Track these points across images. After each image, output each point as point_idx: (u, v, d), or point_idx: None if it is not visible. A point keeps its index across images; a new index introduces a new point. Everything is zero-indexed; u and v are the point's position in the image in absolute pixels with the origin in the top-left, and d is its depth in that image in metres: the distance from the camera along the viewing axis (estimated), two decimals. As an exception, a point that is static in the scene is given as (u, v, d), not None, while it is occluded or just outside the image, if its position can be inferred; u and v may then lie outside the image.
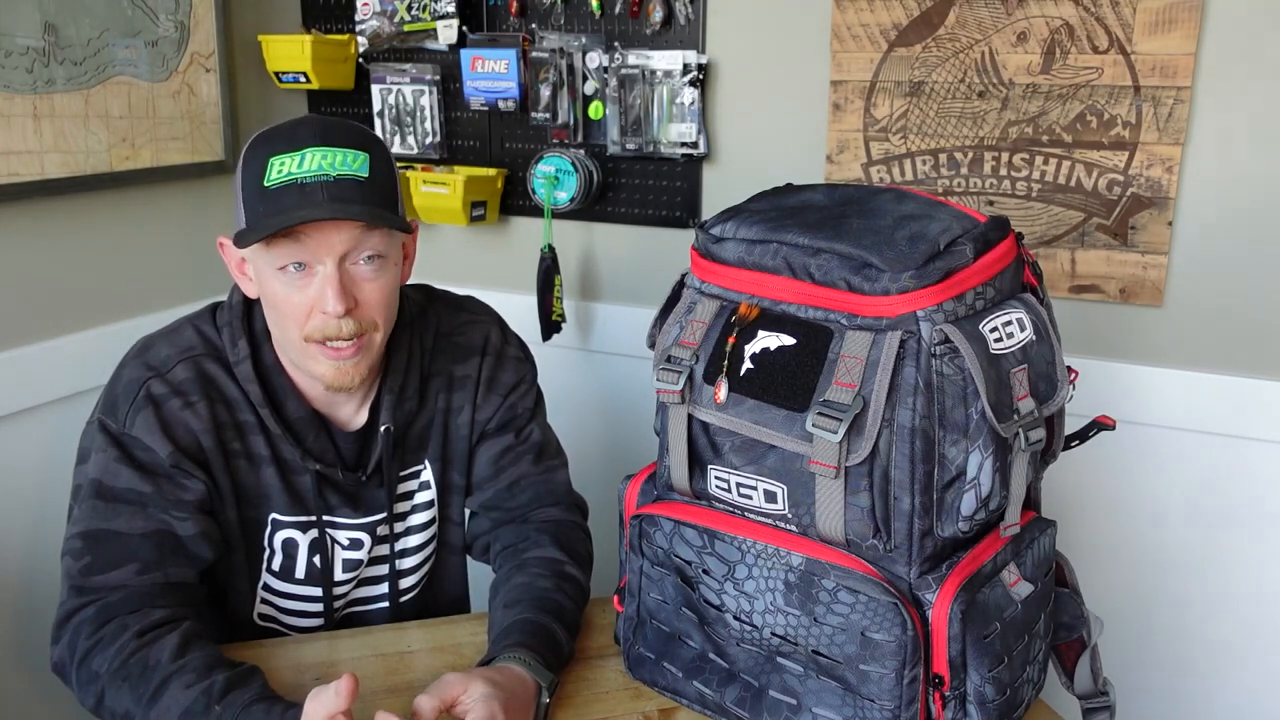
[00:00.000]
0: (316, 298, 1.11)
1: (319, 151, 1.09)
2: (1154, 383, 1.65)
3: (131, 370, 1.17)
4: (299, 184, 1.08)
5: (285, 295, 1.12)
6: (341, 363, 1.14)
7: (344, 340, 1.13)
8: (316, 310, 1.11)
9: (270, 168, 1.09)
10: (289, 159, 1.09)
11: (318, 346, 1.13)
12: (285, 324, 1.13)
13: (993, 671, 0.94)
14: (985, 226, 0.95)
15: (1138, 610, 1.74)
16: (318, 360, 1.14)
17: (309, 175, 1.08)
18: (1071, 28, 1.59)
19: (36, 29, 1.65)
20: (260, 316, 1.20)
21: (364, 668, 1.17)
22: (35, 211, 1.70)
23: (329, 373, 1.14)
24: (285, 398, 1.20)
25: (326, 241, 1.09)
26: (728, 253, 1.00)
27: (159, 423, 1.13)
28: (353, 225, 1.10)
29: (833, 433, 0.90)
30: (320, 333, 1.12)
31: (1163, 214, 1.60)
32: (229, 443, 1.18)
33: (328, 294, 1.10)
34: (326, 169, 1.09)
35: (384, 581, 1.32)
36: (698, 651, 1.06)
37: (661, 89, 1.85)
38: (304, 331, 1.12)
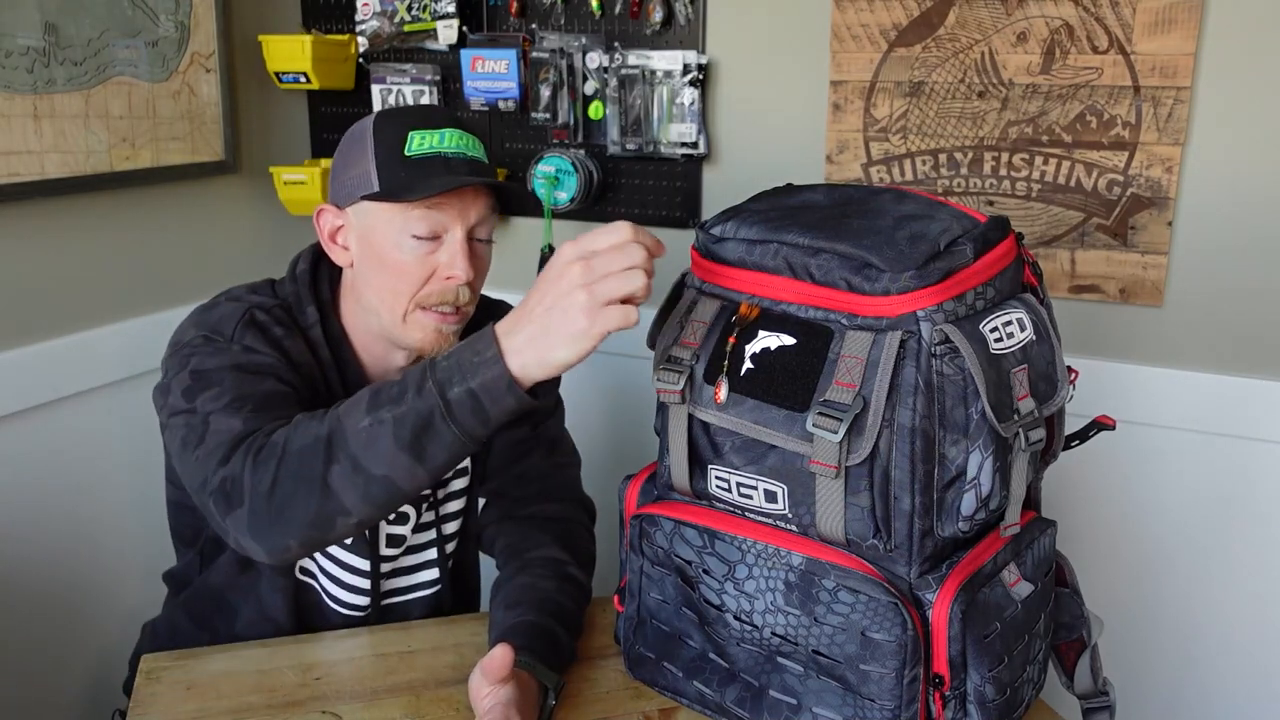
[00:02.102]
0: (444, 264, 1.16)
1: (455, 132, 1.17)
2: (1154, 383, 1.65)
3: (228, 304, 1.19)
4: (443, 157, 1.15)
5: (407, 260, 1.16)
6: (444, 327, 1.19)
7: (454, 307, 1.19)
8: (438, 277, 1.17)
9: (410, 140, 1.15)
10: (430, 134, 1.16)
11: (425, 313, 1.18)
12: (398, 288, 1.17)
13: (993, 671, 0.94)
14: (985, 226, 0.95)
15: (1138, 610, 1.74)
16: (420, 326, 1.18)
17: (451, 150, 1.16)
18: (1071, 28, 1.59)
19: (36, 29, 1.65)
20: (326, 289, 1.24)
21: (364, 668, 1.17)
22: (35, 211, 1.70)
23: (430, 337, 1.19)
24: (346, 368, 1.24)
25: (464, 212, 1.16)
26: (728, 253, 1.00)
27: (267, 340, 1.16)
28: (486, 202, 1.18)
29: (833, 433, 0.90)
30: (439, 298, 1.17)
31: (1163, 214, 1.60)
32: (314, 378, 1.21)
33: (459, 261, 1.16)
34: (463, 149, 1.17)
35: (433, 567, 1.34)
36: (698, 651, 1.06)
37: (661, 89, 1.85)
38: (418, 297, 1.17)
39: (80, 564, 1.68)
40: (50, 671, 1.78)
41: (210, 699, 1.11)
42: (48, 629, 1.77)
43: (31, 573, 1.73)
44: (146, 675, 1.15)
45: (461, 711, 1.09)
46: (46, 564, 1.75)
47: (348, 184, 1.18)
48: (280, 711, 1.09)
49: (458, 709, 1.09)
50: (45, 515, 1.73)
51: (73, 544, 1.69)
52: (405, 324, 1.19)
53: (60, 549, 1.75)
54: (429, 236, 1.16)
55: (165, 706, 1.10)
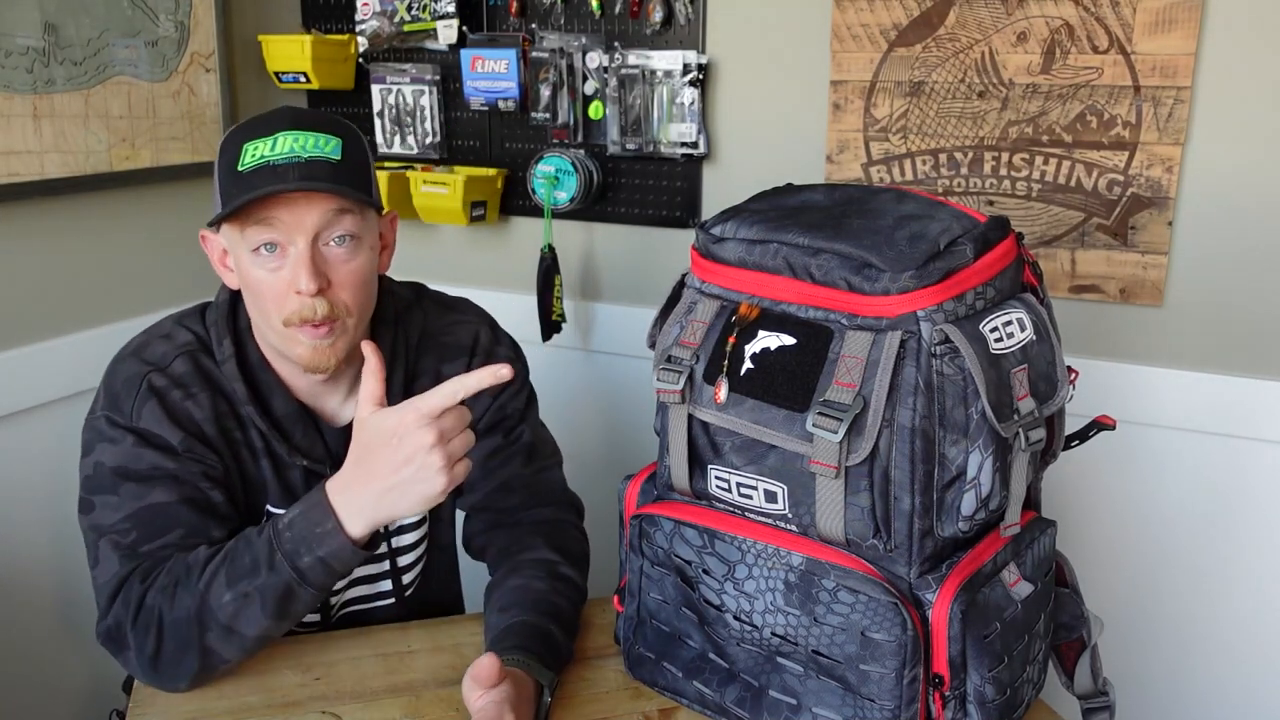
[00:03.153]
0: (290, 278, 1.11)
1: (290, 135, 1.10)
2: (1154, 383, 1.65)
3: (129, 366, 1.18)
4: (270, 165, 1.09)
5: (260, 278, 1.12)
6: (317, 342, 1.13)
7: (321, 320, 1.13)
8: (290, 291, 1.11)
9: (244, 153, 1.10)
10: (262, 143, 1.10)
11: (296, 328, 1.13)
12: (264, 308, 1.14)
13: (993, 671, 0.94)
14: (985, 226, 0.95)
15: (1138, 610, 1.74)
16: (296, 342, 1.14)
17: (280, 157, 1.09)
18: (1071, 28, 1.59)
19: (36, 29, 1.65)
20: (244, 314, 1.21)
21: (364, 668, 1.17)
22: (35, 211, 1.70)
23: (306, 353, 1.14)
24: (271, 394, 1.21)
25: (298, 221, 1.10)
26: (728, 253, 1.00)
27: (165, 413, 1.14)
28: (325, 205, 1.10)
29: (833, 433, 0.90)
30: (297, 315, 1.12)
31: (1163, 214, 1.60)
32: (231, 431, 1.19)
33: (299, 273, 1.10)
34: (298, 151, 1.10)
35: (385, 579, 1.32)
36: (698, 651, 1.06)
37: (661, 89, 1.85)
38: (283, 315, 1.13)
39: (80, 564, 1.68)
40: (49, 671, 1.78)
41: (210, 699, 1.11)
42: (47, 629, 1.77)
43: (31, 573, 1.73)
44: (146, 675, 1.15)
45: (461, 711, 1.09)
46: (46, 564, 1.75)
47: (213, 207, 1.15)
48: (280, 711, 1.09)
49: (457, 709, 1.09)
50: (45, 515, 1.73)
51: (73, 544, 1.68)
52: (285, 341, 1.14)
53: (60, 549, 1.75)
54: (267, 249, 1.11)
55: (165, 706, 1.10)
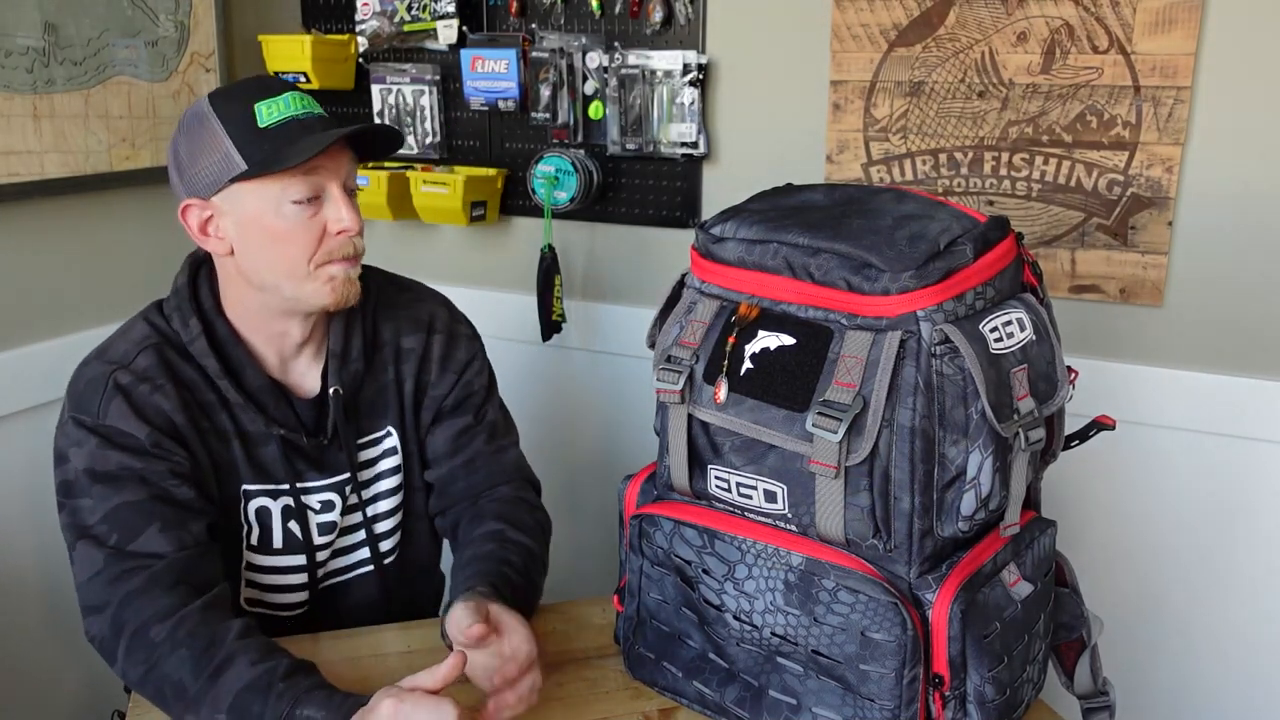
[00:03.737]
0: (333, 220, 1.18)
1: (294, 95, 1.18)
2: (1154, 383, 1.65)
3: (93, 368, 1.19)
4: (297, 120, 1.16)
5: (294, 227, 1.17)
6: (350, 272, 1.21)
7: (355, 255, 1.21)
8: (330, 234, 1.18)
9: (259, 112, 1.15)
10: (275, 102, 1.16)
11: (329, 266, 1.19)
12: (292, 255, 1.18)
13: (993, 671, 0.94)
14: (985, 226, 0.95)
15: (1138, 610, 1.74)
16: (327, 279, 1.19)
17: (300, 112, 1.16)
18: (1071, 28, 1.59)
19: (36, 29, 1.65)
20: (208, 295, 1.24)
21: (362, 668, 1.17)
22: (35, 211, 1.70)
23: (339, 287, 1.20)
24: (243, 368, 1.23)
25: (337, 169, 1.18)
26: (728, 253, 1.00)
27: (131, 409, 1.16)
28: (348, 154, 1.20)
29: (833, 432, 0.90)
30: (339, 253, 1.19)
31: (1163, 214, 1.60)
32: (199, 421, 1.21)
33: (346, 213, 1.18)
34: (310, 108, 1.18)
35: (363, 547, 1.33)
36: (698, 651, 1.06)
37: (661, 89, 1.85)
38: (319, 257, 1.18)
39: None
40: (50, 671, 1.78)
41: (210, 699, 1.10)
42: (48, 630, 1.77)
43: (31, 573, 1.73)
44: (146, 675, 1.15)
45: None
46: (47, 563, 1.75)
47: (206, 172, 1.16)
48: (280, 711, 1.09)
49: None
50: (46, 515, 1.72)
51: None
52: (311, 284, 1.19)
53: (61, 549, 1.75)
54: (309, 199, 1.16)
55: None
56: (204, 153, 1.16)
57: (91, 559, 1.13)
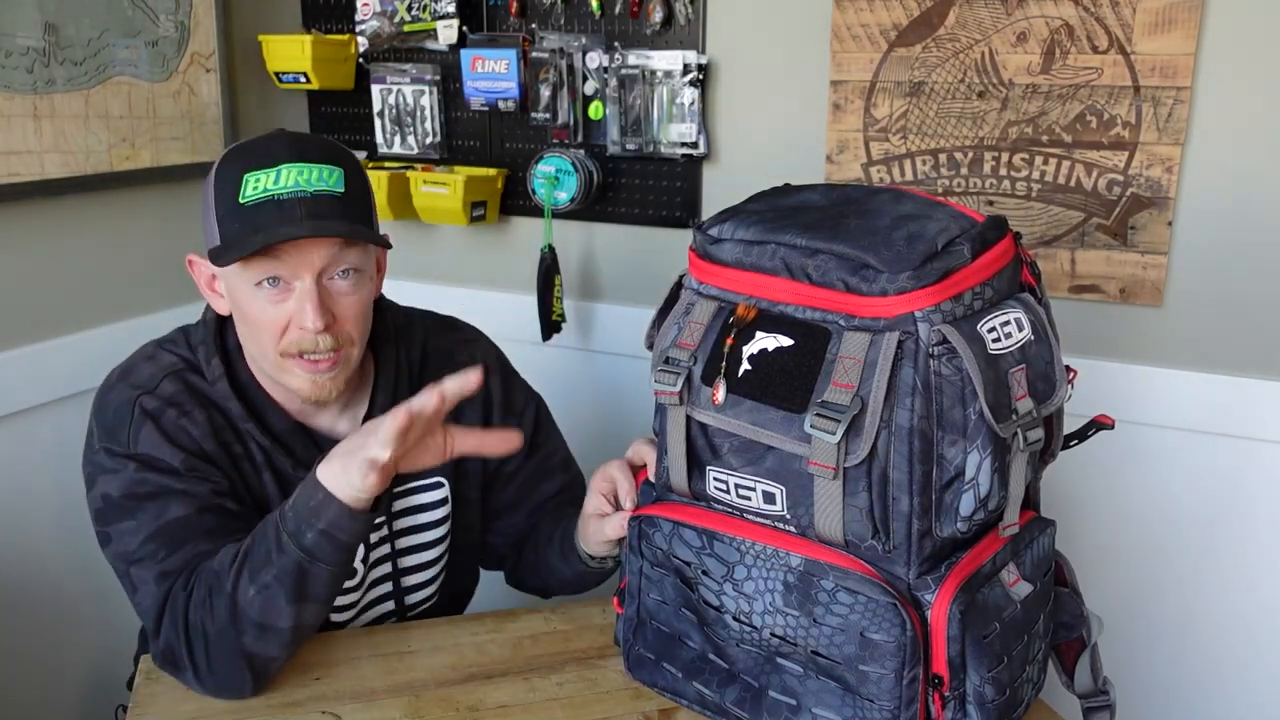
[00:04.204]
0: (295, 313, 1.11)
1: (295, 167, 1.09)
2: (1153, 383, 1.65)
3: (119, 394, 1.17)
4: (276, 200, 1.08)
5: (260, 310, 1.12)
6: (318, 376, 1.15)
7: (321, 354, 1.13)
8: (294, 326, 1.12)
9: (245, 184, 1.09)
10: (264, 175, 1.08)
11: (294, 360, 1.14)
12: (260, 339, 1.14)
13: (992, 671, 0.94)
14: (983, 226, 0.95)
15: (1138, 609, 1.74)
16: (294, 374, 1.15)
17: (286, 192, 1.08)
18: (1071, 28, 1.59)
19: (36, 29, 1.65)
20: (232, 333, 1.21)
21: (364, 668, 1.17)
22: (35, 211, 1.70)
23: (305, 386, 1.15)
24: (266, 411, 1.20)
25: (305, 259, 1.10)
26: (725, 254, 0.99)
27: (163, 435, 1.14)
28: (331, 241, 1.10)
29: (831, 434, 0.90)
30: (296, 347, 1.13)
31: (1163, 214, 1.60)
32: (230, 445, 1.18)
33: (306, 310, 1.11)
34: (303, 185, 1.09)
35: (389, 599, 1.32)
36: (697, 652, 1.06)
37: (661, 89, 1.85)
38: (280, 346, 1.13)
39: (83, 561, 1.68)
40: (54, 667, 1.78)
41: (210, 699, 1.11)
42: (51, 626, 1.77)
43: (35, 570, 1.73)
44: (146, 675, 1.15)
45: (461, 711, 1.09)
46: (50, 562, 1.75)
47: (205, 233, 1.14)
48: (280, 711, 1.09)
49: (458, 709, 1.09)
50: (48, 514, 1.73)
51: (75, 542, 1.69)
52: (281, 372, 1.15)
53: (63, 547, 1.75)
54: (271, 282, 1.10)
55: (165, 706, 1.10)
56: (206, 214, 1.14)
57: (146, 585, 1.11)
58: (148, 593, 1.11)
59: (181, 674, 1.11)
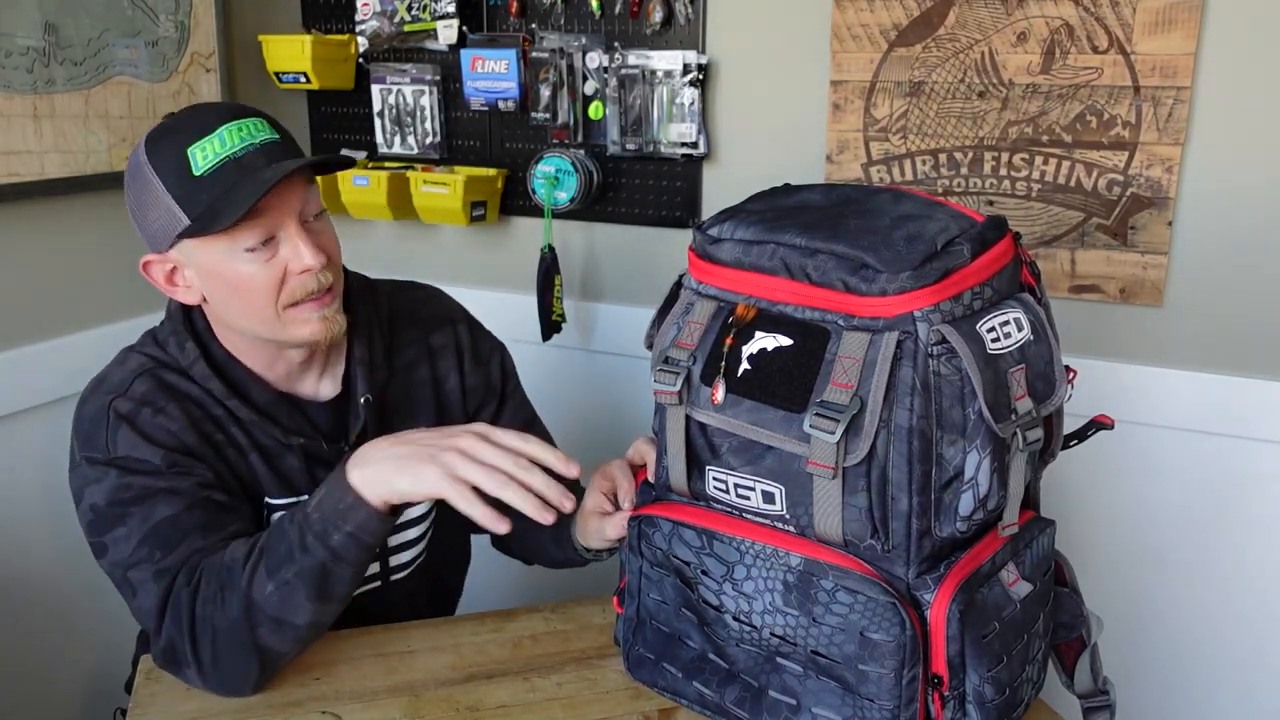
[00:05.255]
0: (290, 260, 1.13)
1: (232, 126, 1.10)
2: (1153, 383, 1.65)
3: (92, 403, 1.17)
4: (234, 160, 1.08)
5: (253, 274, 1.12)
6: (326, 310, 1.17)
7: (324, 290, 1.15)
8: (291, 274, 1.13)
9: (193, 158, 1.08)
10: (208, 143, 1.08)
11: (299, 308, 1.15)
12: (258, 303, 1.14)
13: (992, 671, 0.94)
14: (983, 226, 0.95)
15: (1137, 609, 1.74)
16: (302, 321, 1.15)
17: (238, 149, 1.09)
18: (1071, 28, 1.59)
19: (36, 29, 1.65)
20: (200, 317, 1.21)
21: (364, 668, 1.17)
22: (35, 211, 1.70)
23: (318, 328, 1.16)
24: (248, 387, 1.21)
25: (286, 205, 1.11)
26: (725, 253, 0.99)
27: (140, 435, 1.14)
28: (299, 185, 1.12)
29: (830, 433, 0.89)
30: (301, 292, 1.14)
31: (1163, 214, 1.60)
32: (211, 435, 1.19)
33: (304, 251, 1.12)
34: (249, 139, 1.10)
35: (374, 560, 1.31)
36: (697, 652, 1.06)
37: (661, 89, 1.85)
38: (282, 300, 1.14)
39: (82, 562, 1.68)
40: (52, 670, 1.78)
41: (210, 699, 1.11)
42: (50, 627, 1.77)
43: (32, 573, 1.73)
44: (146, 675, 1.15)
45: (461, 711, 1.09)
46: (46, 564, 1.75)
47: (156, 227, 1.12)
48: (280, 711, 1.09)
49: (458, 709, 1.09)
50: (44, 515, 1.73)
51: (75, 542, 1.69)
52: (285, 327, 1.16)
53: (59, 549, 1.75)
54: (263, 243, 1.11)
55: (165, 706, 1.10)
56: (150, 206, 1.12)
57: (145, 587, 1.11)
58: (148, 593, 1.11)
59: (183, 671, 1.10)
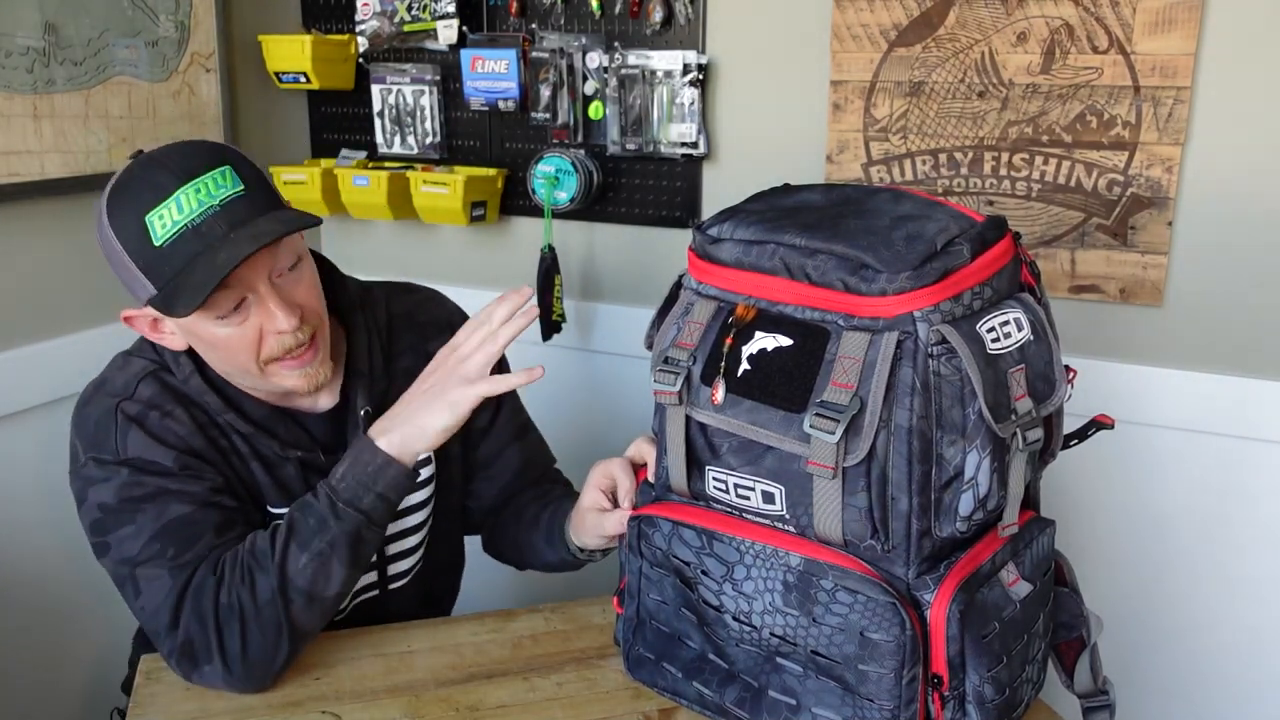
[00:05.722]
0: (264, 323, 1.11)
1: (189, 188, 1.04)
2: (1153, 383, 1.65)
3: (97, 405, 1.16)
4: (192, 228, 1.04)
5: (229, 337, 1.11)
6: (307, 368, 1.15)
7: (303, 346, 1.13)
8: (268, 334, 1.11)
9: (151, 228, 1.05)
10: (164, 210, 1.04)
11: (278, 364, 1.14)
12: (238, 360, 1.13)
13: (992, 671, 0.94)
14: (982, 226, 0.95)
15: (1137, 609, 1.74)
16: (283, 376, 1.15)
17: (196, 216, 1.04)
18: (1071, 28, 1.59)
19: (36, 29, 1.65)
20: None
21: (364, 668, 1.17)
22: (35, 211, 1.70)
23: (300, 382, 1.16)
24: (242, 402, 1.20)
25: (253, 271, 1.07)
26: (725, 253, 0.99)
27: (150, 436, 1.13)
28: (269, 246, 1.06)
29: (830, 433, 0.89)
30: (279, 350, 1.12)
31: (1163, 214, 1.60)
32: (216, 439, 1.18)
33: (277, 315, 1.09)
34: (208, 200, 1.04)
35: (372, 569, 1.32)
36: (697, 652, 1.06)
37: (661, 89, 1.85)
38: (262, 358, 1.12)
39: (81, 562, 1.68)
40: (50, 671, 1.78)
41: (210, 699, 1.11)
42: (47, 628, 1.77)
43: (29, 574, 1.73)
44: (146, 675, 1.15)
45: (461, 711, 1.09)
46: (44, 565, 1.75)
47: (131, 286, 1.10)
48: (280, 711, 1.09)
49: (457, 709, 1.09)
50: (44, 516, 1.73)
51: (73, 543, 1.69)
52: (268, 379, 1.15)
53: (58, 550, 1.75)
54: (235, 308, 1.09)
55: (165, 706, 1.10)
56: (122, 267, 1.09)
57: (155, 583, 1.10)
58: (160, 588, 1.10)
59: (201, 667, 1.09)
